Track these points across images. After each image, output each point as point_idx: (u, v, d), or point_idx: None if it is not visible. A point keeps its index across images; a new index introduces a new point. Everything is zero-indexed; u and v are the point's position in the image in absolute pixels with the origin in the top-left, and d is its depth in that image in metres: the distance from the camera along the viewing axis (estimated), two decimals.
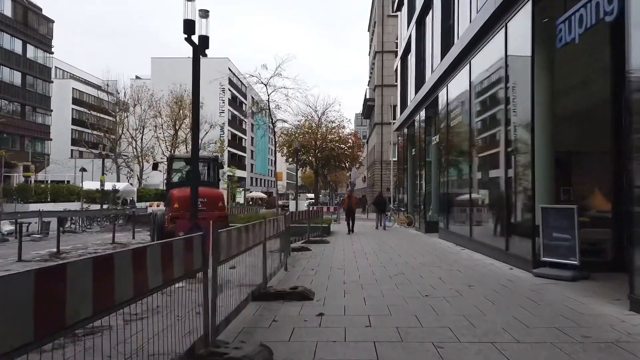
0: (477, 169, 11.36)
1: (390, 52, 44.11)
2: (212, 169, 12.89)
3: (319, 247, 12.66)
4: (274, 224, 7.44)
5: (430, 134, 18.41)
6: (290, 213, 11.51)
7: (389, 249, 12.20)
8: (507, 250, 9.06)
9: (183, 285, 3.55)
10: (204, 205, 11.43)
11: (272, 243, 7.59)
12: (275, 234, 7.74)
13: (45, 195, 36.30)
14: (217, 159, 12.98)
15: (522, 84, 8.58)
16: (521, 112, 8.73)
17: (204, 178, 12.87)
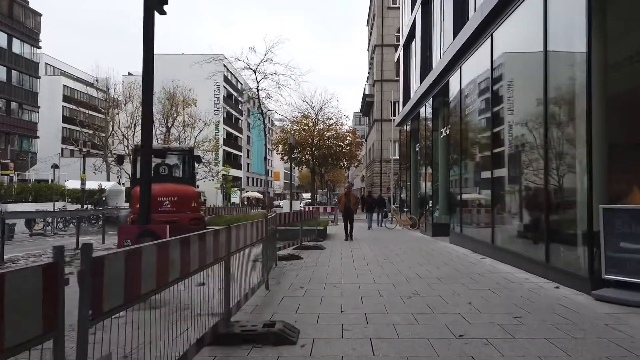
0: (503, 162, 9.49)
1: (390, 45, 42.28)
2: (187, 164, 10.98)
3: (313, 255, 10.78)
4: (246, 231, 5.56)
5: (437, 127, 16.55)
6: (276, 214, 9.63)
7: (395, 257, 10.33)
8: (547, 262, 7.19)
9: None
10: (173, 206, 9.55)
11: (244, 256, 5.72)
12: (250, 243, 5.87)
13: (24, 195, 34.34)
14: (192, 152, 11.07)
15: (570, 58, 6.73)
16: (568, 91, 6.87)
17: (178, 173, 11.00)
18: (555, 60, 7.31)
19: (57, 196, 36.84)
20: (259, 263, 6.77)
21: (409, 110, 21.27)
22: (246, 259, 5.89)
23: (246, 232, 5.58)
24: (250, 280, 6.01)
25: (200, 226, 9.71)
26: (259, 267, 6.70)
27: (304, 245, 12.32)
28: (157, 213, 9.49)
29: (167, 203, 9.39)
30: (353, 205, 15.49)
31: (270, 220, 7.94)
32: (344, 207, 15.42)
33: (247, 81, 15.79)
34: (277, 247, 9.68)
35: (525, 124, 8.40)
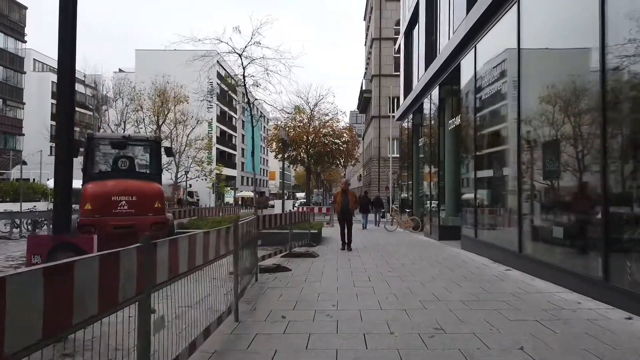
0: (536, 153, 7.79)
1: (388, 38, 40.63)
2: (154, 156, 9.18)
3: (304, 265, 9.06)
4: (203, 243, 3.85)
5: (444, 119, 14.85)
6: (255, 217, 7.88)
7: (402, 269, 8.61)
8: (606, 279, 5.49)
9: None
10: (131, 207, 7.81)
11: (204, 275, 4.01)
12: (210, 260, 4.17)
13: (3, 194, 32.47)
14: (159, 142, 9.23)
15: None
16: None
17: (139, 168, 9.26)
18: (615, 23, 5.61)
19: (38, 195, 35.02)
20: (227, 285, 5.06)
21: (411, 103, 19.56)
22: (208, 278, 4.20)
23: (200, 246, 3.87)
24: (214, 308, 4.34)
25: (166, 231, 7.96)
26: (224, 292, 4.99)
27: (294, 252, 10.59)
28: (111, 216, 7.75)
29: (123, 203, 7.65)
30: (352, 206, 12.14)
31: (246, 225, 6.23)
32: (340, 207, 12.02)
33: (233, 67, 14.05)
34: (257, 258, 7.95)
35: (573, 106, 6.69)
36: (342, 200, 12.05)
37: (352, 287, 6.80)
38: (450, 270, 8.30)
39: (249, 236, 6.83)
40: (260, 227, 8.49)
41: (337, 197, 12.47)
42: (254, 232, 7.33)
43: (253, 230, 7.34)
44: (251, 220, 6.96)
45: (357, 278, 7.54)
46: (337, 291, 6.47)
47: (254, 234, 7.30)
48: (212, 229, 4.54)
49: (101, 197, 7.62)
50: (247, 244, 6.77)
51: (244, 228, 5.92)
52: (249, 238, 6.85)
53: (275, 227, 9.77)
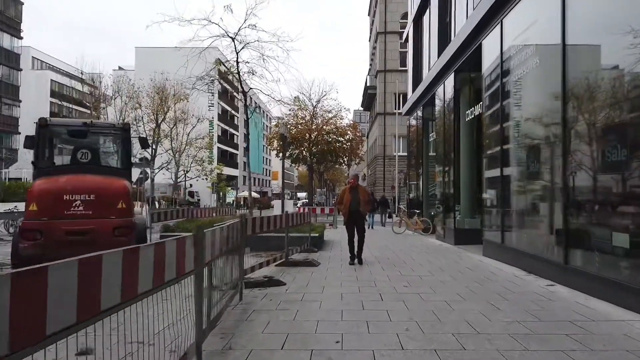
0: (589, 142, 6.30)
1: (393, 32, 39.14)
2: (122, 147, 7.68)
3: (301, 277, 7.61)
4: (145, 262, 2.41)
5: (460, 109, 13.37)
6: (238, 221, 6.41)
7: (420, 283, 7.14)
8: None
9: None
10: (89, 207, 6.38)
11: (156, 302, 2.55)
12: (160, 284, 2.75)
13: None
14: (128, 130, 7.70)
15: None
16: None
17: (110, 161, 7.82)
18: None
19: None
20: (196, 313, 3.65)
21: (420, 95, 18.07)
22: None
23: (148, 265, 2.47)
24: (179, 345, 2.95)
25: (130, 238, 6.52)
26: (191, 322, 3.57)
27: (291, 260, 9.13)
28: (63, 219, 6.32)
29: (78, 204, 6.22)
30: (364, 207, 9.32)
31: (226, 230, 4.79)
32: (348, 208, 9.18)
33: (225, 52, 12.62)
34: (243, 269, 6.50)
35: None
36: (350, 200, 9.18)
37: (360, 310, 5.33)
38: (479, 285, 6.82)
39: (232, 243, 5.40)
40: (250, 232, 7.05)
41: (343, 195, 9.43)
42: (238, 239, 5.90)
43: (238, 236, 5.90)
44: (233, 225, 5.52)
45: (367, 296, 6.07)
46: (342, 317, 5.01)
47: (237, 241, 5.85)
48: (168, 239, 3.10)
49: (50, 196, 6.20)
50: (229, 252, 5.34)
51: (220, 235, 4.48)
52: (231, 246, 5.42)
53: (269, 230, 8.32)
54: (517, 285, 6.79)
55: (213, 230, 4.11)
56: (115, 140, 7.74)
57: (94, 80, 49.61)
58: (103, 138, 7.90)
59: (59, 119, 8.28)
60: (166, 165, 47.98)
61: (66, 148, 7.51)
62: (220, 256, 4.73)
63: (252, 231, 7.19)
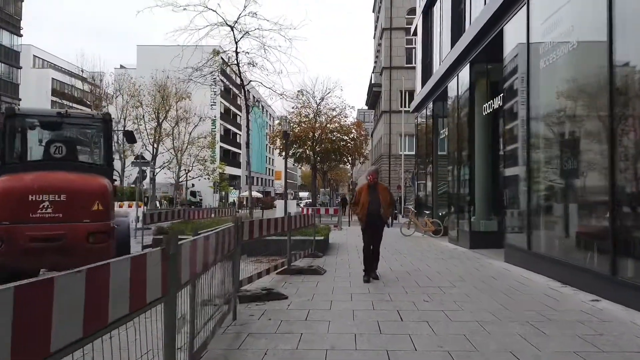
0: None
1: (399, 28, 38.22)
2: (102, 140, 6.73)
3: (305, 288, 6.71)
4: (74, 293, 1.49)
5: (475, 102, 12.43)
6: (240, 223, 5.52)
7: (442, 296, 6.22)
8: None
9: None
10: (59, 209, 5.49)
11: None
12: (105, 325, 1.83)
13: None
14: (109, 122, 6.72)
15: None
16: None
17: (90, 157, 6.92)
18: None
19: None
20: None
21: (431, 89, 17.14)
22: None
23: (79, 297, 1.57)
24: None
25: (108, 245, 5.63)
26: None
27: (294, 267, 8.23)
28: (28, 223, 5.44)
29: (46, 205, 5.33)
30: (386, 210, 7.49)
31: (218, 237, 3.91)
32: (366, 211, 7.39)
33: (223, 42, 11.78)
34: (238, 281, 5.61)
35: None
36: (368, 201, 7.38)
37: (377, 333, 4.42)
38: (510, 299, 5.90)
39: (223, 253, 4.52)
40: (247, 237, 6.15)
41: (360, 195, 7.60)
42: (231, 246, 5.01)
43: (231, 243, 5.02)
44: (225, 230, 4.62)
45: (383, 315, 5.16)
46: (356, 343, 4.11)
47: (230, 248, 4.96)
48: (120, 258, 2.20)
49: (12, 196, 5.31)
50: (221, 260, 4.47)
51: (206, 245, 3.59)
52: (223, 256, 4.54)
53: (268, 235, 7.42)
54: (556, 300, 5.86)
55: (193, 241, 3.20)
56: (94, 133, 6.84)
57: (95, 79, 48.95)
58: (80, 130, 7.00)
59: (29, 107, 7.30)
60: (167, 165, 47.19)
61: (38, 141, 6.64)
62: (207, 270, 3.84)
63: (249, 236, 6.29)
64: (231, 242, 5.05)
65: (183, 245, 2.90)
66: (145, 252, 2.37)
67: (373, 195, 7.49)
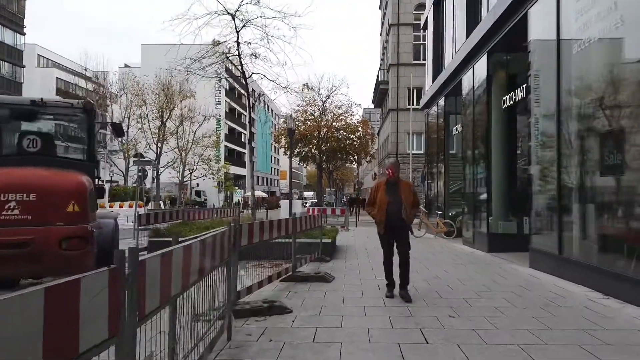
0: None
1: (407, 24, 37.35)
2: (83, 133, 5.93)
3: (312, 299, 5.94)
4: None
5: (493, 96, 11.62)
6: (237, 227, 4.75)
7: (471, 312, 5.43)
8: None
9: None
10: (27, 210, 4.74)
11: None
12: None
13: None
14: (91, 111, 5.90)
15: None
16: None
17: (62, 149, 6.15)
18: None
19: None
20: None
21: (442, 84, 16.31)
22: None
23: None
24: None
25: (86, 252, 4.88)
26: None
27: (299, 274, 7.46)
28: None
29: (12, 206, 4.57)
30: (410, 212, 6.01)
31: (175, 259, 3.14)
32: (384, 215, 6.01)
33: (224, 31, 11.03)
34: (236, 291, 4.86)
35: None
36: (387, 201, 5.96)
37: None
38: (552, 315, 5.08)
39: (214, 262, 3.76)
40: (246, 242, 5.40)
41: (376, 194, 6.15)
42: (226, 254, 4.25)
43: (226, 250, 4.27)
44: (217, 236, 3.86)
45: (404, 335, 4.38)
46: None
47: (225, 256, 4.21)
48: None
49: None
50: (212, 269, 3.72)
51: (186, 256, 2.83)
52: (214, 265, 3.79)
53: (270, 239, 6.66)
54: (603, 316, 5.04)
55: (165, 255, 2.43)
56: (74, 124, 6.08)
57: (98, 78, 48.46)
58: (58, 121, 6.25)
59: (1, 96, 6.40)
60: (172, 164, 46.59)
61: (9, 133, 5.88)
62: (189, 289, 3.08)
63: (249, 241, 5.52)
64: (226, 248, 4.29)
65: (149, 261, 2.14)
66: (79, 276, 1.60)
67: (393, 193, 6.00)
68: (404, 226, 6.07)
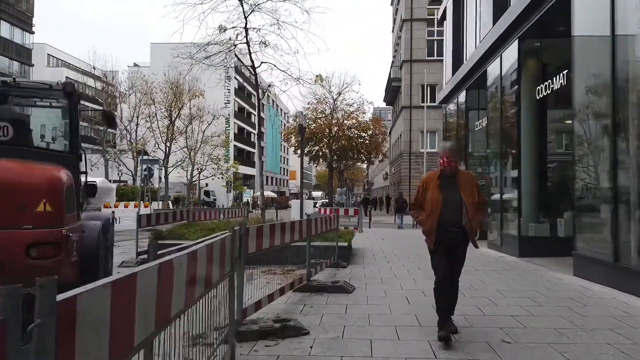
0: None
1: (420, 20, 36.35)
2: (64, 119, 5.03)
3: (331, 319, 5.02)
4: None
5: (523, 86, 10.64)
6: (243, 231, 3.87)
7: (527, 334, 4.49)
8: None
9: None
10: None
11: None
12: None
13: None
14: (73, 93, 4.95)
15: None
16: None
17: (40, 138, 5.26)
18: None
19: None
20: None
21: (464, 76, 15.31)
22: None
23: None
24: None
25: (59, 261, 4.02)
26: None
27: (314, 283, 6.54)
28: None
29: None
30: (474, 216, 4.23)
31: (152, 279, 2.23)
32: (436, 220, 4.24)
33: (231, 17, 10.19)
34: (242, 309, 3.97)
35: None
36: (441, 200, 4.26)
37: None
38: (634, 343, 4.12)
39: (211, 282, 2.87)
40: (254, 249, 4.52)
41: (426, 191, 4.42)
42: (228, 263, 3.36)
43: (228, 259, 3.38)
44: (216, 244, 2.97)
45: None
46: None
47: (228, 266, 3.32)
48: None
49: None
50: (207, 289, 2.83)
51: (158, 277, 1.94)
52: (209, 287, 2.89)
53: (282, 245, 5.76)
54: None
55: (127, 279, 1.53)
56: (53, 109, 5.21)
57: (106, 77, 48.01)
58: (34, 105, 5.37)
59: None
60: (181, 163, 45.96)
61: None
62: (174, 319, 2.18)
63: (257, 247, 4.63)
64: (228, 259, 3.40)
65: (83, 299, 1.23)
66: None
67: (450, 190, 4.26)
68: (464, 237, 4.28)
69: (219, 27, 10.18)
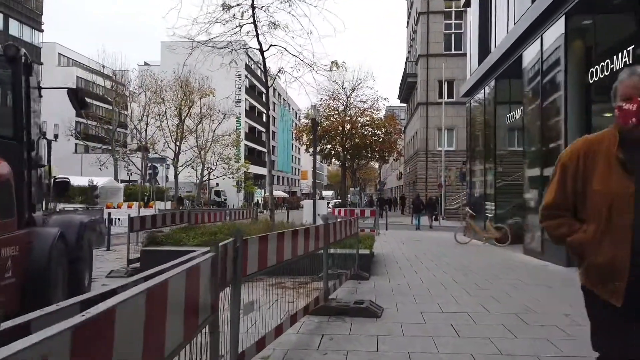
0: None
1: (437, 12, 34.92)
2: (7, 93, 3.85)
3: (356, 355, 3.75)
4: None
5: (569, 72, 9.26)
6: (237, 249, 2.66)
7: None
8: None
9: None
10: None
11: None
12: None
13: None
14: (18, 61, 3.69)
15: None
16: None
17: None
18: None
19: None
20: None
21: (492, 65, 13.96)
22: None
23: None
24: None
25: (10, 274, 2.82)
26: None
27: (333, 304, 5.28)
28: None
29: None
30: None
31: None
32: (628, 236, 1.78)
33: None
34: (239, 355, 2.70)
35: None
36: (632, 197, 1.78)
37: None
38: None
39: (192, 331, 1.61)
40: (256, 268, 3.29)
41: (585, 180, 1.92)
42: (206, 315, 2.11)
43: (208, 295, 2.12)
44: (188, 272, 1.72)
45: None
46: None
47: (206, 320, 2.06)
48: None
49: None
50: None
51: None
52: (190, 336, 1.63)
53: (295, 257, 4.52)
54: None
55: None
56: (13, 88, 3.97)
57: (116, 75, 47.28)
58: None
59: None
60: (191, 163, 44.99)
61: None
62: None
63: (260, 266, 3.38)
64: (209, 292, 2.16)
65: None
66: None
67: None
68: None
69: (222, 5, 9.00)
